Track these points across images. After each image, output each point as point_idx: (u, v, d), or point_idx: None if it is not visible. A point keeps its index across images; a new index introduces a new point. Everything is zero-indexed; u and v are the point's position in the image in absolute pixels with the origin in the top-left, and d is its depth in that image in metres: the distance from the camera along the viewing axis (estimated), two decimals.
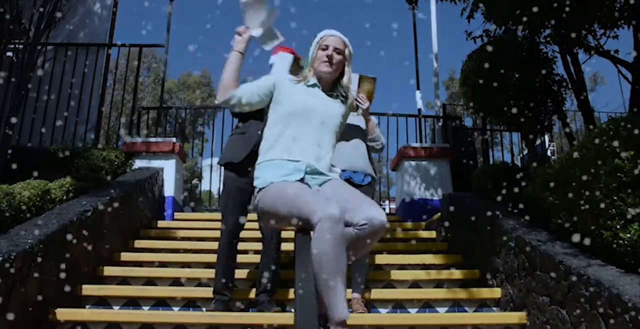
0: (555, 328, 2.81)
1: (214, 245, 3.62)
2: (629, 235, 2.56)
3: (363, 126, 3.60)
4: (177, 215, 5.66)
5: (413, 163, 6.24)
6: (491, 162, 7.22)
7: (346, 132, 3.44)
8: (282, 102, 2.33)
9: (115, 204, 4.15)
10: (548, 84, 5.07)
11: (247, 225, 4.65)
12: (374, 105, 3.68)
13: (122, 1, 7.17)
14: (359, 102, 3.44)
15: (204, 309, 3.48)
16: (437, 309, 3.58)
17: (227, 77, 2.31)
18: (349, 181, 3.41)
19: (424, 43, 7.28)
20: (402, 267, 4.18)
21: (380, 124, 6.61)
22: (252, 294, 3.48)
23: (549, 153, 8.92)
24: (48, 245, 3.05)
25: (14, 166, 3.69)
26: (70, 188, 4.04)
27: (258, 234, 3.46)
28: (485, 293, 3.62)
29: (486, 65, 4.77)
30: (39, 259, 2.94)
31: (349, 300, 3.35)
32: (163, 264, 4.10)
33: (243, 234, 4.38)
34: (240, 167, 3.35)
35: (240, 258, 3.98)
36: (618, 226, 2.62)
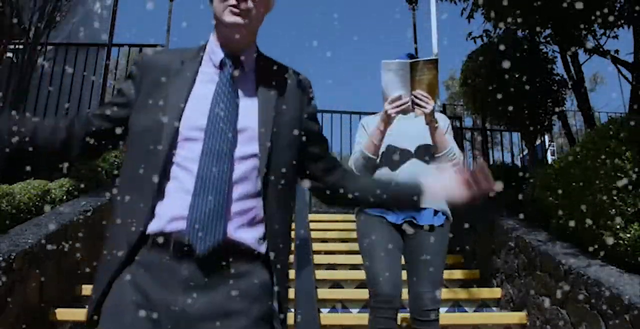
0: (555, 328, 2.81)
1: None
2: (629, 235, 2.56)
3: (427, 135, 2.34)
4: None
5: None
6: (491, 162, 7.21)
7: (402, 147, 2.38)
8: None
9: None
10: (548, 84, 5.07)
11: None
12: (373, 103, 3.24)
13: (122, 1, 7.17)
14: (420, 104, 2.22)
15: None
16: None
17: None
18: (411, 223, 2.35)
19: (424, 43, 7.30)
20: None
21: None
22: None
23: (549, 153, 8.91)
24: (48, 245, 3.05)
25: (14, 166, 3.70)
26: (70, 188, 4.04)
27: None
28: (485, 293, 3.61)
29: (486, 65, 4.77)
30: (39, 259, 2.94)
31: None
32: None
33: None
34: None
35: None
36: (618, 226, 2.62)
